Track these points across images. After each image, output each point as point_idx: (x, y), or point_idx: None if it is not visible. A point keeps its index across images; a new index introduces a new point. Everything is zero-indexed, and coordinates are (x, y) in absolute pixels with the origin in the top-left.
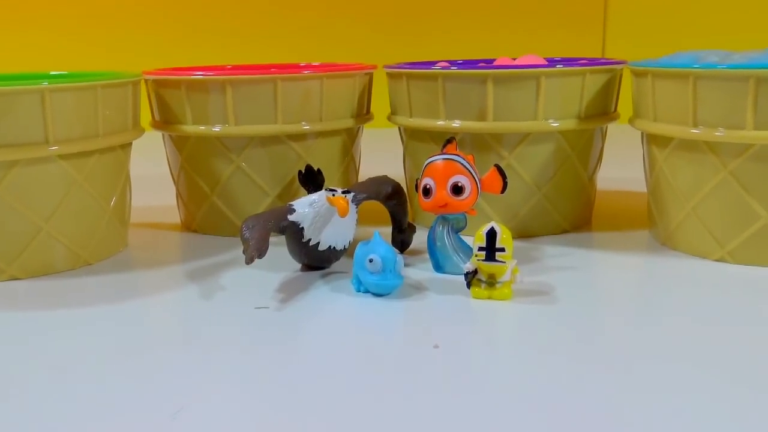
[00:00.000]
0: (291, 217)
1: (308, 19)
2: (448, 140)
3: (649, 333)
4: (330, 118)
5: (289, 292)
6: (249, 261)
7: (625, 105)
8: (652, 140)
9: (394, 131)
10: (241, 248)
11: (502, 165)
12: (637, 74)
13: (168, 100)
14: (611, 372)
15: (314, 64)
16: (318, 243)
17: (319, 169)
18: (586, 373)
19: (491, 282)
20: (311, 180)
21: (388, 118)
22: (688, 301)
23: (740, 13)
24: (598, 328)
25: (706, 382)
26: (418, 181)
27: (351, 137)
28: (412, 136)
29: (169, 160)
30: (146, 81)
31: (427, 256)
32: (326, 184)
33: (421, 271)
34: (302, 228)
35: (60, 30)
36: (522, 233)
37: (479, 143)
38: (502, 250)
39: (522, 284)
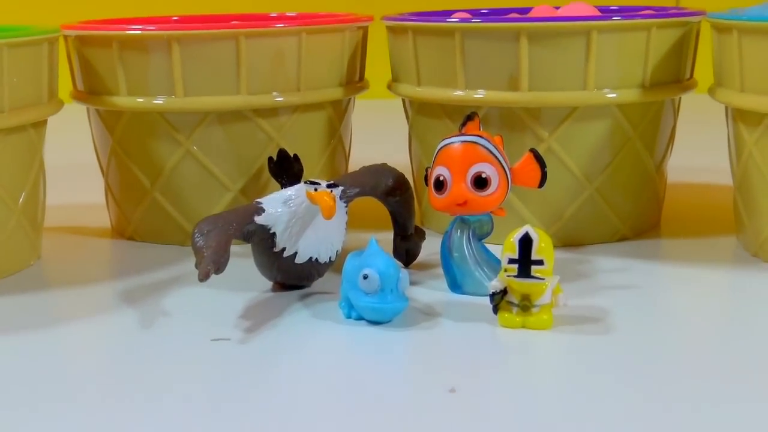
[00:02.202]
0: (259, 220)
1: None
2: (468, 117)
3: (738, 379)
4: (311, 87)
5: (256, 319)
6: (203, 277)
7: (703, 70)
8: (738, 117)
9: (397, 104)
10: (193, 261)
11: (541, 149)
12: (720, 29)
13: (95, 64)
14: None
15: (289, 14)
16: (295, 254)
17: (296, 155)
18: None
19: (525, 306)
20: (286, 170)
21: (389, 87)
22: None
23: None
24: (668, 370)
25: None
26: (429, 171)
27: (339, 113)
28: (420, 111)
29: (96, 143)
30: (66, 38)
31: (441, 271)
32: (305, 176)
33: (432, 291)
34: (274, 234)
35: None
36: (567, 241)
37: (510, 120)
38: (540, 263)
39: (566, 309)
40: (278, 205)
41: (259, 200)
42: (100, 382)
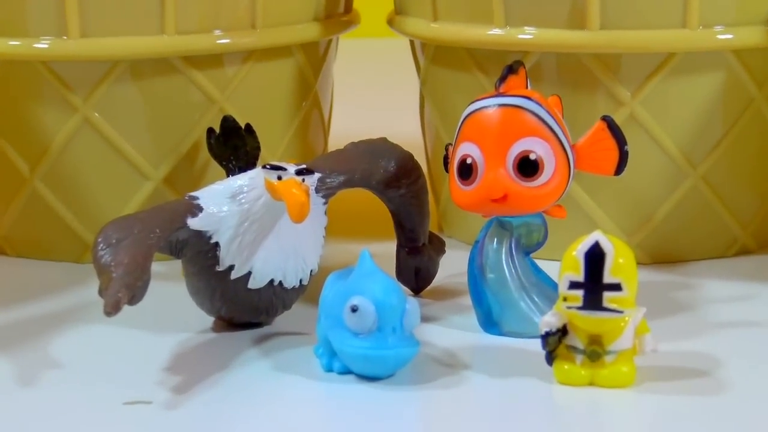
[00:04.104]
0: (194, 223)
1: None
2: (509, 68)
3: None
4: (271, 23)
5: (189, 373)
6: (111, 310)
7: None
8: None
9: (403, 48)
10: (94, 285)
11: (619, 117)
12: None
13: None
14: None
15: None
16: (248, 274)
17: (248, 126)
18: None
19: (595, 352)
20: (234, 148)
21: (390, 23)
22: None
23: None
24: None
25: None
26: (450, 150)
27: (314, 61)
28: (437, 60)
29: None
30: None
31: (468, 300)
32: (264, 157)
33: (455, 330)
34: (216, 244)
35: None
36: (658, 255)
37: (573, 74)
38: (617, 287)
39: (656, 357)
40: (223, 202)
41: (193, 194)
42: None
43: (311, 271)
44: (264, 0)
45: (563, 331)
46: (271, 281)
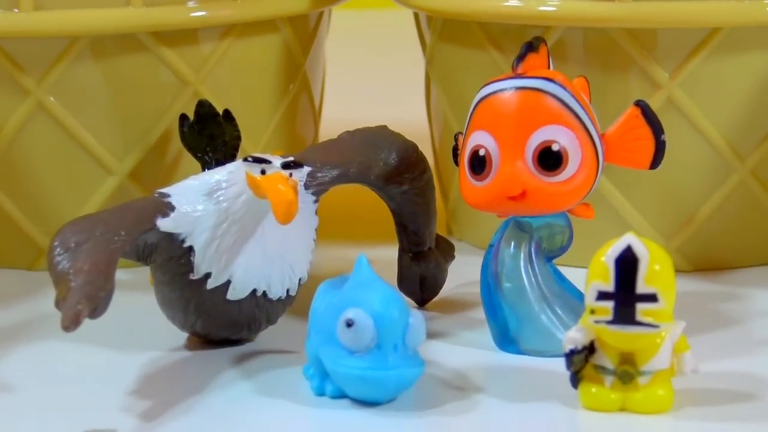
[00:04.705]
0: (165, 225)
1: None
2: (529, 45)
3: None
4: None
5: (160, 397)
6: (70, 324)
7: None
8: None
9: (406, 20)
10: (50, 295)
11: (655, 102)
12: None
13: None
14: None
15: None
16: (227, 283)
17: (227, 112)
18: None
19: (627, 373)
20: (210, 137)
21: None
22: None
23: None
24: None
25: None
26: (460, 140)
27: (302, 37)
28: (445, 35)
29: None
30: None
31: (482, 313)
32: (245, 148)
33: (466, 348)
34: (190, 249)
35: None
36: (701, 261)
37: (602, 51)
38: (652, 298)
39: (697, 378)
40: (198, 200)
41: (164, 191)
42: None
43: (300, 279)
44: None
45: (590, 349)
46: (254, 292)
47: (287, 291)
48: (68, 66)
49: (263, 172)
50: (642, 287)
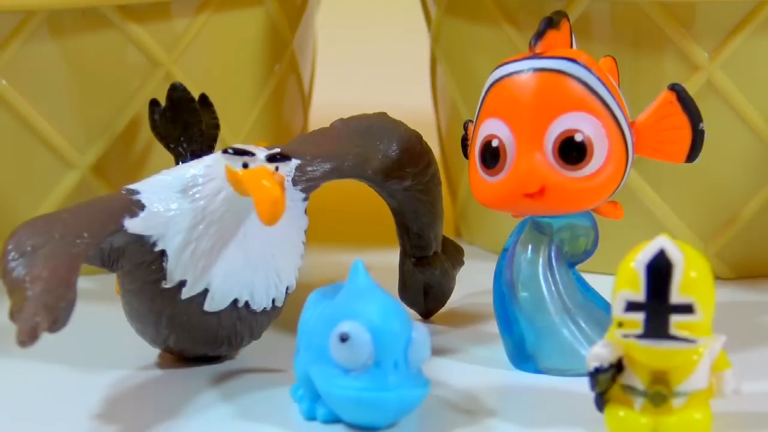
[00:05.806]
0: (133, 226)
1: None
2: (548, 21)
3: None
4: None
5: (130, 421)
6: (26, 338)
7: None
8: None
9: None
10: (5, 304)
11: (692, 85)
12: None
13: None
14: None
15: None
16: (204, 292)
17: (203, 97)
18: None
19: (659, 394)
20: (185, 124)
21: None
22: None
23: None
24: None
25: None
26: (470, 129)
27: (289, 11)
28: (453, 9)
29: None
30: None
31: (494, 326)
32: (224, 139)
33: (477, 366)
34: (162, 253)
35: None
36: (743, 266)
37: (632, 28)
38: (688, 309)
39: (739, 400)
40: (171, 198)
41: (132, 187)
42: None
43: (287, 288)
44: None
45: (618, 367)
46: (235, 302)
47: (273, 301)
48: (22, 45)
49: (245, 165)
50: (676, 297)
